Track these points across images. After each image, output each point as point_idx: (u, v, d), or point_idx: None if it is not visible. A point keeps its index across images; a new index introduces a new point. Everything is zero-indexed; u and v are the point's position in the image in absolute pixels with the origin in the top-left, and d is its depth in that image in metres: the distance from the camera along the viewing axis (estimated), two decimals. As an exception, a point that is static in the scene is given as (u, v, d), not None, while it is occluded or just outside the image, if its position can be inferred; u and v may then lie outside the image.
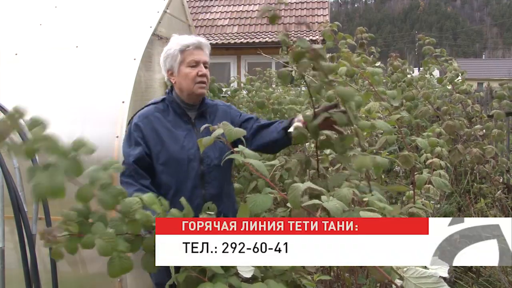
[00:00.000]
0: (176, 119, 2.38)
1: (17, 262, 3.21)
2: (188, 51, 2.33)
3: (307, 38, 12.50)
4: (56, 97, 3.51)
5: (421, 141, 2.37)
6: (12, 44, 3.92)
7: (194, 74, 2.33)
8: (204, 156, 2.32)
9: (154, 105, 2.44)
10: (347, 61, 2.80)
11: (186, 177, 2.32)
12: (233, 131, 1.60)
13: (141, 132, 2.33)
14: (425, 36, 4.27)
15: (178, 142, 2.32)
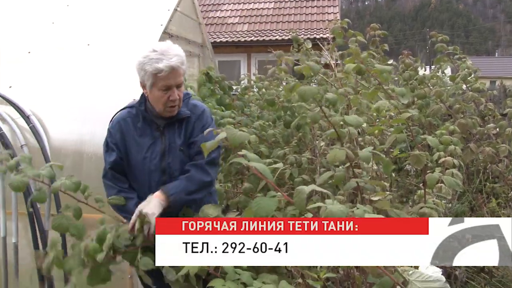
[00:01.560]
0: (144, 126, 2.34)
1: (30, 258, 3.24)
2: (160, 76, 2.16)
3: (318, 36, 12.46)
4: (67, 95, 3.53)
5: (432, 140, 2.35)
6: (25, 42, 3.95)
7: (166, 99, 2.22)
8: (166, 167, 2.30)
9: (128, 109, 2.41)
10: (355, 58, 2.78)
11: (148, 186, 2.31)
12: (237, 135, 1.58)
13: (114, 138, 2.36)
14: (437, 34, 4.23)
15: (141, 152, 2.31)
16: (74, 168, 3.28)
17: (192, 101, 2.45)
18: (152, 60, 2.16)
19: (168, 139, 2.31)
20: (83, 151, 3.28)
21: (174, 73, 2.17)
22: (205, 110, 2.46)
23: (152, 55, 2.17)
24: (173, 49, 2.20)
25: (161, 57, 2.15)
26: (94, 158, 3.25)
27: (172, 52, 2.18)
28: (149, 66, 2.16)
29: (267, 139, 3.69)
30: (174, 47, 2.22)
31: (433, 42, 4.28)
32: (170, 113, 2.28)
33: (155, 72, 2.15)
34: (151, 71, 2.16)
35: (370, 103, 2.96)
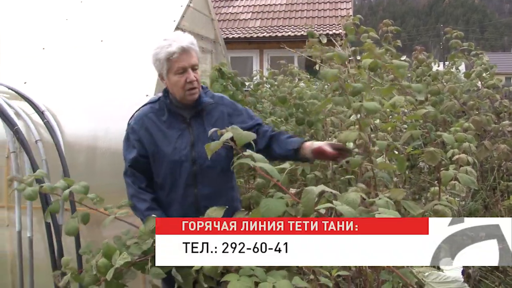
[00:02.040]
0: (170, 119, 2.36)
1: (44, 252, 3.28)
2: (173, 59, 2.23)
3: (330, 32, 12.41)
4: (81, 91, 3.56)
5: (447, 137, 2.33)
6: (40, 38, 3.99)
7: (183, 82, 2.26)
8: (197, 157, 2.31)
9: (150, 105, 2.43)
10: (370, 53, 2.76)
11: (179, 177, 2.32)
12: (242, 135, 1.57)
13: (137, 134, 2.37)
14: (452, 30, 4.18)
15: (171, 144, 2.32)
16: (87, 164, 3.31)
17: (216, 94, 2.52)
18: (163, 47, 2.24)
19: (196, 130, 2.33)
20: (96, 146, 3.31)
21: (186, 54, 2.23)
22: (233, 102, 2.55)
23: (163, 43, 2.25)
24: (183, 34, 2.30)
25: (171, 43, 2.23)
26: (107, 154, 3.28)
27: (182, 37, 2.28)
28: (162, 54, 2.24)
29: (280, 136, 3.69)
30: (185, 34, 2.31)
31: (447, 38, 4.23)
32: (191, 97, 2.29)
33: (168, 57, 2.22)
34: (164, 56, 2.23)
35: (383, 99, 2.94)
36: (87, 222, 2.16)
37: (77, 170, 3.27)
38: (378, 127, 2.96)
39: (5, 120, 3.22)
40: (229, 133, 1.50)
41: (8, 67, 3.81)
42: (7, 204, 3.43)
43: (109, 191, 3.27)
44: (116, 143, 3.27)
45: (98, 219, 3.26)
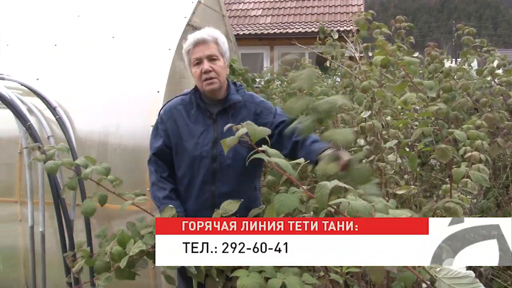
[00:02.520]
0: (198, 114, 2.37)
1: (56, 246, 3.31)
2: (190, 51, 2.32)
3: (341, 28, 12.36)
4: (93, 87, 3.58)
5: (459, 134, 2.31)
6: (52, 35, 4.02)
7: (199, 73, 2.30)
8: (217, 155, 2.31)
9: (181, 97, 2.45)
10: (382, 50, 2.74)
11: (197, 172, 2.33)
12: (257, 130, 1.57)
13: (164, 125, 2.39)
14: (464, 26, 4.14)
15: (194, 138, 2.33)
16: (98, 160, 3.31)
17: (247, 92, 2.51)
18: (185, 43, 2.34)
19: (221, 127, 2.28)
20: (107, 142, 3.33)
21: (201, 46, 2.29)
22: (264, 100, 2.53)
23: (187, 40, 2.34)
24: (207, 29, 2.37)
25: (191, 38, 2.32)
26: (118, 150, 3.30)
27: (203, 31, 2.35)
28: (184, 49, 2.35)
29: (291, 132, 3.68)
30: (209, 28, 2.38)
31: (459, 34, 4.19)
32: (208, 87, 2.30)
33: (186, 51, 2.33)
34: (184, 51, 2.35)
35: (394, 96, 2.92)
36: (104, 203, 2.17)
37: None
38: (390, 124, 2.94)
39: (18, 116, 3.25)
40: (244, 129, 1.50)
41: (21, 64, 3.84)
42: (19, 199, 3.47)
43: (120, 186, 3.30)
44: (127, 139, 3.29)
45: (109, 215, 3.29)
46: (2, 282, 3.64)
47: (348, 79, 3.72)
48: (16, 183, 3.47)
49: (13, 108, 3.25)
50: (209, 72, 2.27)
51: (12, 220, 3.52)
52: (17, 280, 3.60)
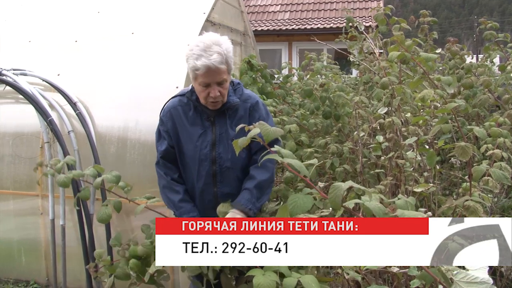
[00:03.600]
0: (195, 116, 2.33)
1: (76, 240, 3.36)
2: (198, 73, 2.15)
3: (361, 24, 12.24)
4: (112, 83, 3.62)
5: (479, 131, 2.27)
6: (72, 31, 4.06)
7: (205, 94, 2.21)
8: (217, 157, 2.31)
9: (179, 97, 2.40)
10: (397, 45, 2.71)
11: (198, 175, 2.33)
12: (270, 130, 1.52)
13: (165, 126, 2.36)
14: (486, 21, 4.06)
15: (192, 141, 2.31)
16: (118, 155, 3.37)
17: (245, 91, 2.43)
18: (193, 56, 2.14)
19: (219, 129, 2.31)
20: (127, 137, 3.36)
21: (211, 72, 2.14)
22: (259, 101, 2.44)
23: (195, 49, 2.15)
24: (217, 44, 2.16)
25: (201, 54, 2.12)
26: (137, 145, 3.33)
27: (214, 49, 2.14)
28: (190, 61, 2.17)
29: (309, 128, 3.67)
30: (220, 41, 2.18)
31: (481, 29, 4.12)
32: (213, 107, 2.27)
33: (193, 69, 2.16)
34: (190, 67, 2.17)
35: (414, 92, 2.89)
36: (120, 209, 2.22)
37: (107, 160, 3.34)
38: (409, 120, 2.91)
39: (39, 111, 3.30)
40: (256, 129, 1.48)
41: (43, 60, 3.90)
42: (41, 193, 3.54)
43: (139, 181, 3.33)
44: (146, 134, 3.32)
45: (127, 209, 3.32)
46: (25, 273, 3.72)
47: (367, 75, 3.69)
48: (37, 177, 3.53)
49: (35, 103, 3.31)
50: (216, 97, 2.21)
51: (34, 213, 3.58)
52: (38, 271, 3.67)
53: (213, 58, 2.12)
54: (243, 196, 2.26)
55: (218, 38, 2.19)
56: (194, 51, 2.15)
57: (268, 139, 1.51)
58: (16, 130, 3.60)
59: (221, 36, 2.23)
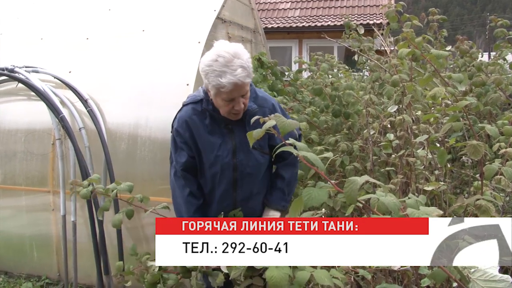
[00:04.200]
0: (212, 124, 2.27)
1: (87, 236, 3.39)
2: (225, 90, 2.05)
3: (371, 21, 12.19)
4: (124, 80, 3.64)
5: (491, 129, 2.24)
6: (84, 28, 4.09)
7: (229, 109, 2.15)
8: (238, 164, 2.29)
9: (192, 106, 2.29)
10: (406, 42, 2.69)
11: (219, 182, 2.31)
12: (286, 123, 1.49)
13: (182, 137, 2.28)
14: (497, 18, 4.03)
15: (213, 151, 2.27)
16: (128, 151, 3.38)
17: (258, 92, 2.37)
18: (215, 72, 2.04)
19: (238, 137, 2.27)
20: (137, 134, 3.38)
21: (237, 88, 2.07)
22: (274, 103, 2.41)
23: (216, 65, 2.05)
24: (238, 57, 2.07)
25: (224, 70, 2.03)
26: (148, 142, 3.34)
27: (237, 63, 2.05)
28: (212, 79, 2.06)
29: (319, 126, 3.66)
30: (239, 53, 2.09)
31: (491, 27, 4.08)
32: (235, 118, 2.22)
33: (217, 87, 2.06)
34: (214, 84, 2.06)
35: (425, 90, 2.87)
36: (131, 217, 2.25)
37: (118, 157, 3.36)
38: (420, 118, 2.89)
39: (51, 108, 3.33)
40: (272, 121, 1.47)
41: (54, 57, 3.93)
42: (52, 189, 3.57)
43: (149, 178, 3.35)
44: (156, 131, 3.34)
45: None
46: (37, 268, 3.76)
47: (377, 72, 3.68)
48: (49, 173, 3.57)
49: (47, 100, 3.34)
50: (240, 109, 2.16)
51: (46, 209, 3.62)
52: (50, 266, 3.71)
53: (238, 73, 2.04)
54: (276, 195, 2.41)
55: (236, 49, 2.09)
56: (215, 67, 2.05)
57: (284, 131, 1.49)
58: (28, 127, 3.64)
59: (235, 43, 2.15)
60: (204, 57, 2.13)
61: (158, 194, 3.30)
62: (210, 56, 2.08)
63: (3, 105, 3.78)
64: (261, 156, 2.33)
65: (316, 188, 1.43)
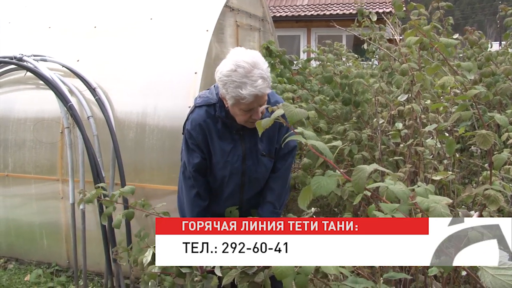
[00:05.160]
0: (224, 129, 2.26)
1: (95, 224, 3.42)
2: (245, 101, 2.03)
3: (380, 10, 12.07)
4: (131, 69, 3.64)
5: (501, 118, 2.22)
6: (91, 17, 4.09)
7: (246, 118, 2.12)
8: (246, 170, 2.31)
9: (206, 109, 2.25)
10: (414, 30, 2.65)
11: (227, 185, 2.35)
12: (294, 112, 1.48)
13: (194, 140, 2.27)
14: (507, 7, 3.97)
15: (223, 156, 2.28)
16: (136, 140, 3.40)
17: (272, 98, 2.31)
18: (234, 83, 2.01)
19: (249, 143, 2.28)
20: (145, 123, 3.39)
21: (257, 99, 2.05)
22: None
23: (235, 76, 2.00)
24: (257, 68, 2.02)
25: (244, 81, 1.99)
26: (156, 130, 3.35)
27: (257, 73, 2.00)
28: (231, 90, 2.02)
29: (328, 114, 3.65)
30: (258, 62, 2.04)
31: (501, 16, 4.03)
32: (251, 126, 2.18)
33: (237, 98, 2.03)
34: (233, 95, 2.03)
35: (434, 79, 2.84)
36: (131, 218, 2.36)
37: (126, 146, 3.37)
38: (429, 108, 2.87)
39: (59, 97, 3.34)
40: (280, 110, 1.47)
41: (62, 45, 3.93)
42: (61, 177, 3.59)
43: (158, 167, 3.36)
44: (165, 120, 3.35)
45: (146, 195, 3.36)
46: (47, 255, 3.80)
47: (386, 61, 3.65)
48: (58, 161, 3.59)
49: (55, 89, 3.35)
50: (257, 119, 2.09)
51: (55, 197, 3.65)
52: (59, 254, 3.75)
53: (259, 84, 2.00)
54: (267, 208, 2.37)
55: (254, 59, 2.04)
56: (234, 78, 2.00)
57: (292, 120, 1.48)
58: (37, 115, 3.66)
59: (252, 51, 2.10)
60: (222, 65, 2.08)
61: (166, 182, 3.32)
62: (229, 66, 2.03)
63: (12, 94, 3.79)
64: (269, 161, 2.36)
65: (325, 176, 1.42)
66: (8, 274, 3.72)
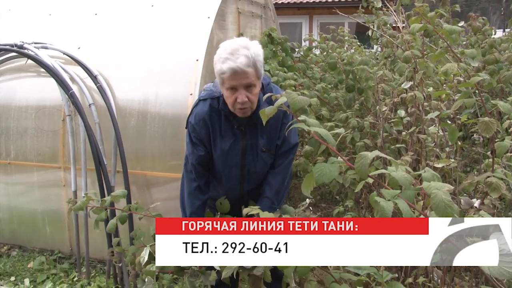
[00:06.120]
0: (226, 124, 2.28)
1: (97, 211, 3.42)
2: (223, 76, 2.07)
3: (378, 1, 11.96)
4: (133, 56, 3.62)
5: (504, 106, 2.21)
6: (92, 4, 4.06)
7: (233, 100, 2.12)
8: (247, 164, 2.34)
9: (210, 102, 2.27)
10: (418, 17, 2.63)
11: (227, 179, 2.39)
12: (296, 100, 1.50)
13: (198, 133, 2.30)
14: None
15: (223, 150, 2.30)
16: (138, 128, 3.39)
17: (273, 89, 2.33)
18: (220, 59, 2.07)
19: (250, 139, 2.30)
20: (147, 110, 3.38)
21: (237, 75, 2.06)
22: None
23: (223, 53, 2.08)
24: (245, 48, 2.07)
25: (228, 57, 2.05)
26: (157, 118, 3.35)
27: (241, 52, 2.05)
28: (217, 65, 2.09)
29: (330, 102, 3.64)
30: (249, 45, 2.09)
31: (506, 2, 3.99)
32: (241, 114, 2.19)
33: (219, 73, 2.09)
34: (217, 70, 2.10)
35: (437, 66, 2.83)
36: (124, 222, 2.40)
37: (128, 133, 3.37)
38: (432, 95, 2.86)
39: (61, 85, 3.33)
40: (283, 98, 1.47)
41: (63, 33, 3.91)
42: (63, 165, 3.60)
43: (159, 154, 3.36)
44: (166, 107, 3.34)
45: (148, 182, 3.36)
46: (49, 243, 3.82)
47: (389, 49, 3.63)
48: (60, 149, 3.59)
49: (56, 77, 3.34)
50: (244, 103, 2.12)
51: (57, 185, 3.65)
52: (62, 241, 3.77)
53: (239, 60, 2.04)
54: (265, 205, 2.33)
55: (247, 42, 2.11)
56: (221, 55, 2.08)
57: (294, 108, 1.50)
58: (38, 103, 3.65)
59: (255, 41, 2.14)
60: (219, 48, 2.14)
61: (168, 170, 3.32)
62: (223, 46, 2.11)
63: (13, 82, 3.79)
64: (269, 157, 2.36)
65: (327, 164, 1.42)
66: (11, 261, 3.75)
